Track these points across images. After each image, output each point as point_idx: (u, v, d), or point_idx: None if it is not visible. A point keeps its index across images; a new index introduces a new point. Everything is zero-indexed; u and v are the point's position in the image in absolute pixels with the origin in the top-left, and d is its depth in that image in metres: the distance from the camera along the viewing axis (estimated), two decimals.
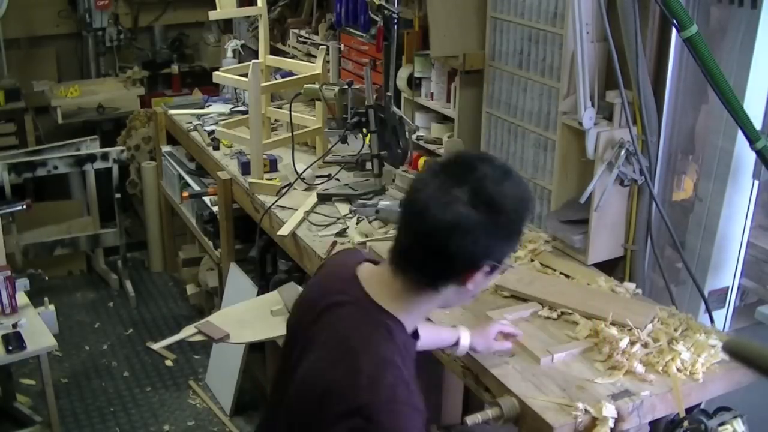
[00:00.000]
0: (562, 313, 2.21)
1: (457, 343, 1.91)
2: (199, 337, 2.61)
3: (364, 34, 3.61)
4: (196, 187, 3.95)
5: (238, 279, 3.52)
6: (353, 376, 1.39)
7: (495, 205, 1.38)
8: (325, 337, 1.49)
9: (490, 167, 1.42)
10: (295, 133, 3.38)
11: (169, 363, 4.00)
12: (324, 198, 3.09)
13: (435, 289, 1.46)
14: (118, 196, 4.41)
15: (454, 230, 1.37)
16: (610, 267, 2.55)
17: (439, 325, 2.03)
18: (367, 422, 1.35)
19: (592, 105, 2.36)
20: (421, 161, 3.14)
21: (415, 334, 1.56)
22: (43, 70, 5.28)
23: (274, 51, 4.25)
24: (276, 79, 3.84)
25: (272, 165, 3.43)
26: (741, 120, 2.14)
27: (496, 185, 1.39)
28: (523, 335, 2.03)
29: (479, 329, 1.96)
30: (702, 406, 2.01)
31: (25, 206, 3.97)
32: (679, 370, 1.94)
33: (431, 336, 1.86)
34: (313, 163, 3.36)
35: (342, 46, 3.82)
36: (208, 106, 4.37)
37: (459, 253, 1.39)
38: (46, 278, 4.58)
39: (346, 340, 1.45)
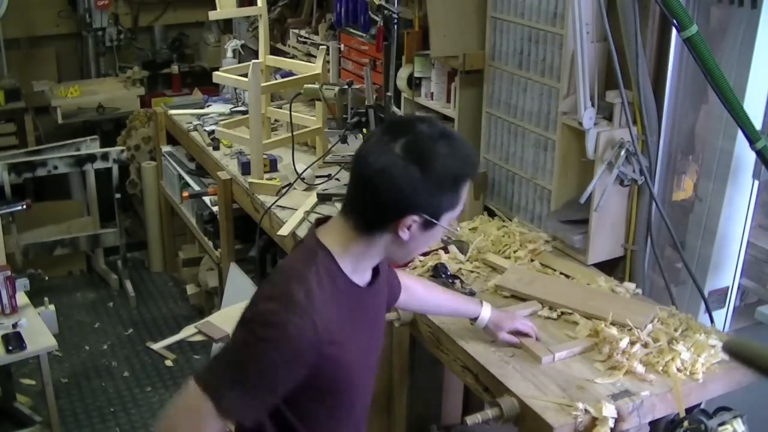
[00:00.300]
0: (562, 313, 2.21)
1: (475, 319, 2.05)
2: (199, 337, 2.61)
3: (364, 34, 3.61)
4: (196, 187, 3.95)
5: (238, 279, 3.52)
6: (267, 287, 1.56)
7: (424, 159, 1.47)
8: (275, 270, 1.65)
9: (428, 127, 1.52)
10: (295, 133, 3.38)
11: (169, 363, 4.00)
12: (324, 198, 3.09)
13: (371, 235, 1.55)
14: (118, 196, 4.41)
15: (383, 175, 1.48)
16: (610, 267, 2.55)
17: (464, 297, 2.17)
18: (266, 316, 1.47)
19: (592, 105, 2.36)
20: None
21: (374, 280, 1.64)
22: (43, 70, 5.28)
23: (274, 51, 4.25)
24: (276, 79, 3.84)
25: (272, 165, 3.43)
26: (741, 120, 2.14)
27: (430, 142, 1.49)
28: (534, 338, 2.07)
29: (501, 314, 2.08)
30: (702, 406, 2.01)
31: (25, 206, 3.97)
32: (679, 370, 1.94)
33: (453, 301, 2.07)
34: (313, 163, 3.36)
35: (342, 46, 3.82)
36: (208, 106, 4.37)
37: (387, 198, 1.49)
38: (46, 278, 4.57)
39: (284, 267, 1.61)
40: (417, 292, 1.99)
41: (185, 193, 3.90)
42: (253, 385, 1.47)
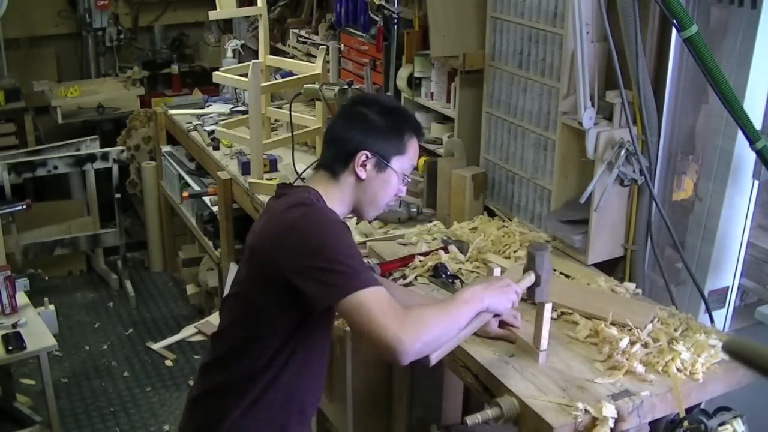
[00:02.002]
0: (562, 313, 2.21)
1: None
2: (199, 337, 2.61)
3: (364, 34, 3.61)
4: (196, 187, 3.95)
5: None
6: (287, 218, 1.76)
7: (368, 109, 1.89)
8: (272, 210, 1.87)
9: (382, 97, 2.06)
10: (295, 133, 3.38)
11: (169, 363, 4.00)
12: None
13: (339, 177, 1.87)
14: (118, 196, 4.41)
15: (338, 120, 1.93)
16: (610, 267, 2.55)
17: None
18: (300, 232, 1.70)
19: (592, 105, 2.36)
20: (421, 161, 3.13)
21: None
22: (43, 70, 5.28)
23: (274, 51, 4.25)
24: (276, 79, 3.84)
25: (272, 165, 3.43)
26: (741, 120, 2.14)
27: (378, 102, 1.93)
28: (521, 328, 2.07)
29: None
30: (702, 406, 2.01)
31: (25, 206, 3.97)
32: (679, 370, 1.94)
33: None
34: (313, 163, 3.35)
35: (342, 46, 3.82)
36: (208, 106, 4.37)
37: (342, 137, 1.88)
38: (46, 278, 4.58)
39: (285, 208, 1.80)
40: (394, 293, 2.00)
41: (185, 193, 3.90)
42: (358, 259, 1.72)
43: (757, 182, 2.38)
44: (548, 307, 1.92)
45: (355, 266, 1.67)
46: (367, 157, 1.85)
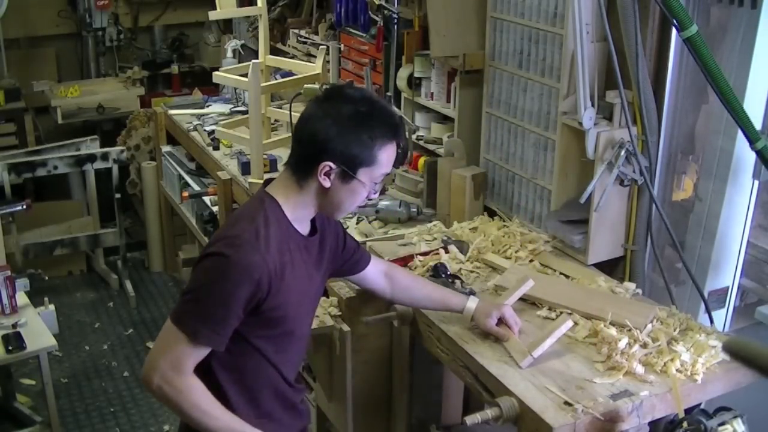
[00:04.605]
0: (562, 313, 2.21)
1: (462, 309, 2.12)
2: None
3: (364, 34, 3.61)
4: (196, 187, 3.95)
5: None
6: (220, 231, 1.81)
7: (340, 114, 1.71)
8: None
9: (354, 91, 1.79)
10: None
11: None
12: None
13: (303, 183, 1.77)
14: (118, 196, 4.41)
15: (304, 123, 1.76)
16: (610, 267, 2.54)
17: (452, 291, 2.23)
18: (219, 255, 1.68)
19: (592, 105, 2.36)
20: (421, 161, 3.14)
21: (313, 231, 1.87)
22: (43, 70, 5.28)
23: (274, 51, 4.25)
24: (276, 79, 3.84)
25: (272, 165, 3.43)
26: (741, 120, 2.14)
27: (350, 102, 1.73)
28: (518, 331, 2.07)
29: (487, 306, 2.11)
30: (702, 406, 2.01)
31: (25, 206, 3.97)
32: (678, 370, 1.94)
33: (440, 292, 2.17)
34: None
35: (342, 46, 3.82)
36: (208, 106, 4.37)
37: (306, 142, 1.74)
38: (46, 278, 4.58)
39: (236, 214, 1.83)
40: (401, 282, 2.16)
41: (185, 193, 3.90)
42: (217, 314, 1.69)
43: (757, 182, 2.38)
44: (568, 324, 1.94)
45: (203, 312, 1.68)
46: (330, 167, 1.72)
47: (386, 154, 1.77)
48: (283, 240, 1.76)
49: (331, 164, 1.71)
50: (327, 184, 1.74)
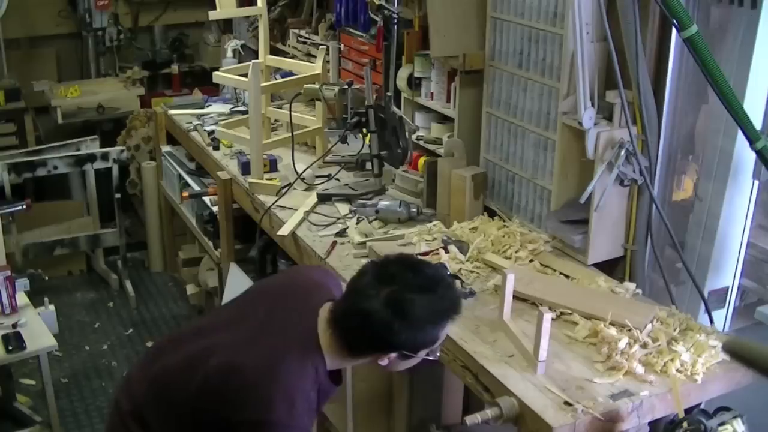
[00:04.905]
0: (562, 313, 2.21)
1: None
2: None
3: (364, 34, 3.61)
4: (196, 187, 3.94)
5: (238, 279, 3.52)
6: (274, 390, 1.66)
7: (403, 311, 1.64)
8: (268, 337, 1.75)
9: (413, 277, 1.69)
10: (295, 133, 3.38)
11: None
12: (324, 198, 3.09)
13: (354, 353, 1.74)
14: (118, 196, 4.41)
15: (364, 319, 1.66)
16: (610, 267, 2.54)
17: None
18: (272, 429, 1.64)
19: (592, 105, 2.36)
20: (421, 161, 3.14)
21: (338, 379, 1.82)
22: (43, 70, 5.28)
23: (274, 51, 4.24)
24: (276, 79, 3.84)
25: (272, 165, 3.43)
26: (741, 120, 2.14)
27: (412, 294, 1.66)
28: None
29: None
30: (702, 406, 2.01)
31: (25, 206, 3.97)
32: (678, 370, 1.94)
33: None
34: (313, 163, 3.36)
35: (342, 46, 3.82)
36: (208, 106, 4.37)
37: (366, 338, 1.69)
38: (46, 278, 4.58)
39: (281, 357, 1.71)
40: None
41: (185, 193, 3.90)
42: None
43: (757, 182, 2.38)
44: (547, 317, 1.91)
45: None
46: (391, 356, 1.72)
47: (446, 331, 1.77)
48: (317, 395, 1.75)
49: (393, 354, 1.72)
50: (385, 363, 1.74)
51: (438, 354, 1.81)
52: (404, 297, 1.65)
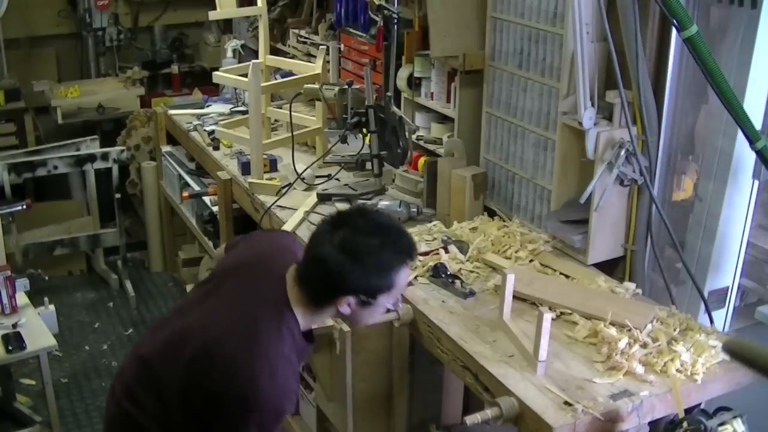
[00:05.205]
0: (562, 313, 2.21)
1: None
2: None
3: (364, 34, 3.61)
4: (196, 187, 3.94)
5: None
6: (255, 360, 1.70)
7: (354, 252, 1.71)
8: (240, 304, 1.81)
9: (364, 221, 1.76)
10: (295, 133, 3.38)
11: None
12: (324, 198, 3.09)
13: (319, 306, 1.79)
14: (118, 196, 4.41)
15: (319, 264, 1.74)
16: (610, 267, 2.54)
17: None
18: (259, 407, 1.68)
19: (592, 105, 2.36)
20: (421, 161, 3.14)
21: (310, 338, 1.87)
22: (43, 70, 5.28)
23: (274, 51, 4.24)
24: (276, 79, 3.84)
25: (272, 165, 3.43)
26: (741, 120, 2.14)
27: (363, 236, 1.73)
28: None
29: None
30: (702, 406, 2.01)
31: (25, 206, 3.97)
32: (678, 370, 1.94)
33: None
34: (313, 163, 3.36)
35: (342, 46, 3.82)
36: (208, 106, 4.36)
37: (322, 283, 1.75)
38: (46, 278, 4.58)
39: (255, 323, 1.76)
40: None
41: (185, 193, 3.90)
42: None
43: (757, 182, 2.38)
44: (547, 317, 1.91)
45: None
46: (350, 302, 1.76)
47: (403, 276, 1.80)
48: (294, 356, 1.79)
49: (350, 299, 1.75)
50: (347, 311, 1.78)
51: (400, 306, 1.89)
52: (355, 239, 1.73)
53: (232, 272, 1.94)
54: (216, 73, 3.52)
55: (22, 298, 3.35)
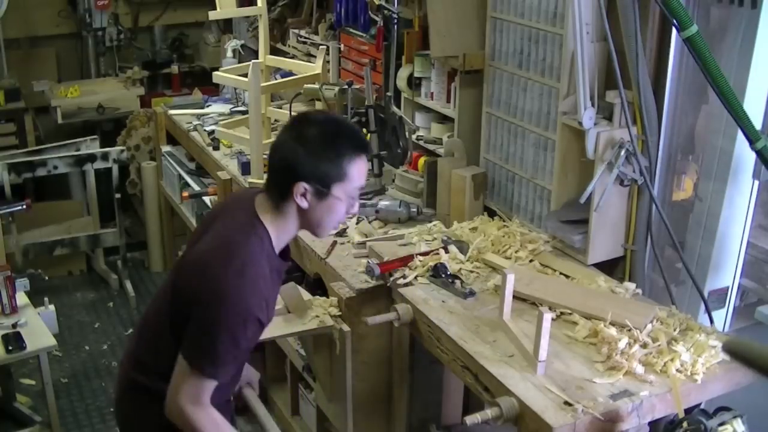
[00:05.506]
0: (562, 313, 2.21)
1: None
2: None
3: (364, 34, 3.61)
4: (196, 187, 3.95)
5: None
6: (224, 263, 1.77)
7: (303, 135, 1.81)
8: (217, 228, 1.90)
9: (319, 114, 1.95)
10: None
11: None
12: None
13: (282, 207, 1.84)
14: (118, 196, 4.41)
15: (274, 151, 1.85)
16: (610, 267, 2.54)
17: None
18: (226, 301, 1.74)
19: (592, 105, 2.36)
20: (421, 161, 3.14)
21: (285, 255, 1.94)
22: (43, 70, 5.28)
23: (274, 51, 4.24)
24: (276, 79, 3.84)
25: None
26: (741, 120, 2.14)
27: (314, 123, 1.84)
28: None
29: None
30: (702, 406, 2.01)
31: (25, 206, 3.97)
32: (678, 370, 1.94)
33: None
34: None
35: (342, 46, 3.82)
36: (208, 106, 4.37)
37: (278, 169, 1.84)
38: (46, 278, 4.58)
39: (228, 235, 1.85)
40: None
41: (185, 193, 3.90)
42: (233, 353, 1.79)
43: (757, 182, 2.38)
44: (547, 317, 1.91)
45: (220, 354, 1.77)
46: (305, 188, 1.80)
47: (356, 168, 1.84)
48: (271, 272, 1.84)
49: (305, 185, 1.79)
50: (304, 204, 1.82)
51: (356, 208, 1.90)
52: (309, 128, 1.82)
53: (215, 215, 2.01)
54: (216, 73, 3.52)
55: (22, 298, 3.35)
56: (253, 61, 3.33)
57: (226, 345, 1.76)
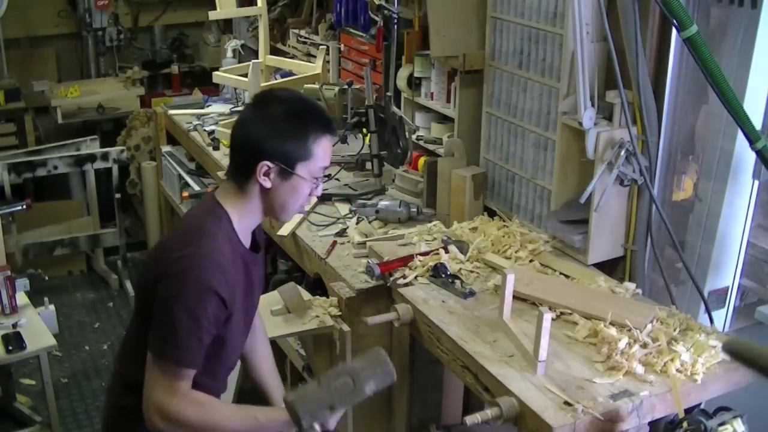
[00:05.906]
0: (562, 313, 2.21)
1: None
2: None
3: (364, 34, 3.61)
4: (196, 187, 3.95)
5: None
6: (179, 239, 1.78)
7: (268, 113, 1.77)
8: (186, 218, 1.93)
9: (283, 92, 1.87)
10: None
11: None
12: (324, 198, 3.09)
13: (245, 189, 1.79)
14: (118, 196, 4.41)
15: (237, 129, 1.82)
16: (610, 267, 2.54)
17: (279, 389, 2.19)
18: (180, 273, 1.70)
19: (592, 105, 2.36)
20: (421, 161, 3.14)
21: (256, 248, 1.90)
22: (43, 70, 5.28)
23: (274, 51, 4.25)
24: (276, 79, 3.84)
25: None
26: (741, 120, 2.14)
27: (278, 102, 1.79)
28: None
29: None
30: (702, 406, 2.01)
31: (25, 206, 3.97)
32: (678, 370, 1.94)
33: (269, 380, 2.18)
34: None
35: (342, 46, 3.82)
36: (208, 106, 4.37)
37: (241, 147, 1.79)
38: (46, 278, 4.58)
39: (188, 222, 1.87)
40: (256, 339, 2.15)
41: (185, 193, 3.90)
42: (195, 333, 1.70)
43: (757, 182, 2.38)
44: (547, 317, 1.91)
45: (180, 332, 1.69)
46: (268, 167, 1.75)
47: (321, 148, 1.80)
48: (234, 256, 1.78)
49: (268, 163, 1.75)
50: (267, 184, 1.77)
51: (320, 187, 1.86)
52: (270, 102, 1.80)
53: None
54: (216, 73, 3.52)
55: (22, 298, 3.35)
56: (253, 61, 3.34)
57: (185, 322, 1.68)
